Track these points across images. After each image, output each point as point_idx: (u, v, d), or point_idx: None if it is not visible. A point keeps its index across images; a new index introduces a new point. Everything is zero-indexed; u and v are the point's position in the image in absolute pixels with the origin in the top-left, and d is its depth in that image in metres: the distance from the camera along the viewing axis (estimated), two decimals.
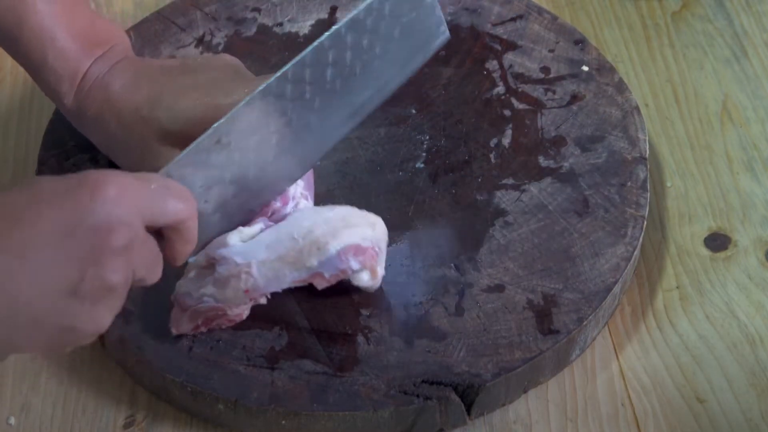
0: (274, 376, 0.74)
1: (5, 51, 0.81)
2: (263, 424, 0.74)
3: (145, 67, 0.80)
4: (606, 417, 0.76)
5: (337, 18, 0.95)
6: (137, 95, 0.78)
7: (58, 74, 0.79)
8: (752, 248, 0.84)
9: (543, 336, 0.75)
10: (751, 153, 0.90)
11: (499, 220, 0.82)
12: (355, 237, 0.74)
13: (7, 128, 0.95)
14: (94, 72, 0.79)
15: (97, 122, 0.79)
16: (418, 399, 0.73)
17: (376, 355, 0.75)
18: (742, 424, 0.75)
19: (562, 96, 0.89)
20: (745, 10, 1.01)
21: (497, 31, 0.94)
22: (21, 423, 0.77)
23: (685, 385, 0.77)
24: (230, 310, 0.75)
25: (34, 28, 0.78)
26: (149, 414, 0.77)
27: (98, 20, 0.81)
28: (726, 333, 0.80)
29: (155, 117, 0.77)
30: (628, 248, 0.80)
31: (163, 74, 0.79)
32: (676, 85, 0.95)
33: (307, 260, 0.74)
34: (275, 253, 0.74)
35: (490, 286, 0.78)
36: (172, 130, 0.76)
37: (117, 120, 0.78)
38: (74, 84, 0.79)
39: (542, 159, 0.86)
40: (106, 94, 0.78)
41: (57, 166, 0.86)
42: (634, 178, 0.84)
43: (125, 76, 0.79)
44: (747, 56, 0.97)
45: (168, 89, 0.77)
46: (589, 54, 0.92)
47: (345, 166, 0.85)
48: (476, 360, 0.74)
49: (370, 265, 0.75)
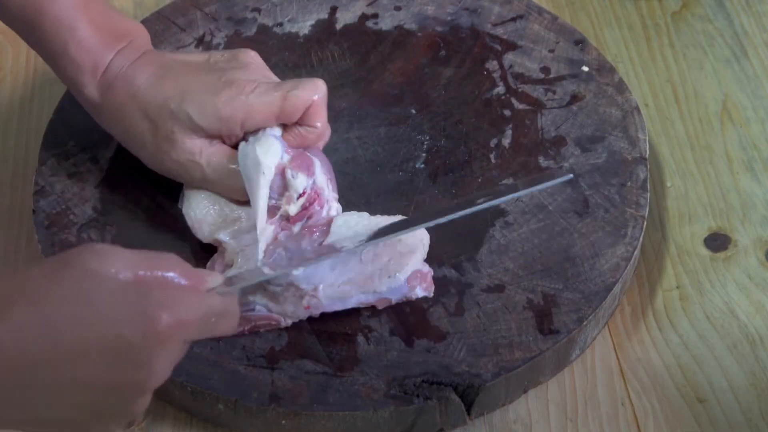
0: (274, 376, 0.74)
1: (23, 39, 0.81)
2: (263, 424, 0.74)
3: (168, 61, 0.80)
4: (606, 417, 0.76)
5: (337, 18, 0.95)
6: (164, 89, 0.78)
7: (79, 65, 0.78)
8: (752, 248, 0.84)
9: (543, 336, 0.75)
10: (751, 153, 0.90)
11: (499, 220, 0.82)
12: (417, 263, 0.76)
13: (7, 128, 0.95)
14: (117, 65, 0.79)
15: (121, 115, 0.79)
16: (418, 399, 0.73)
17: (376, 355, 0.75)
18: (742, 424, 0.75)
19: (562, 96, 0.89)
20: (745, 10, 1.01)
21: (497, 31, 0.94)
22: None
23: (685, 385, 0.77)
24: (284, 321, 0.75)
25: (54, 18, 0.78)
26: (149, 414, 0.77)
27: (116, 13, 0.81)
28: (726, 333, 0.80)
29: (184, 111, 0.77)
30: (628, 248, 0.80)
31: (187, 70, 0.79)
32: (676, 85, 0.95)
33: (377, 286, 0.75)
34: (343, 276, 0.75)
35: (490, 286, 0.78)
36: (200, 125, 0.77)
37: (143, 113, 0.78)
38: (96, 75, 0.79)
39: (542, 159, 0.86)
40: (131, 88, 0.78)
41: (57, 166, 0.86)
42: (634, 178, 0.84)
43: (149, 69, 0.79)
44: (747, 56, 0.97)
45: (194, 85, 0.77)
46: (589, 54, 0.92)
47: (345, 166, 0.85)
48: (476, 360, 0.74)
49: (429, 289, 0.76)
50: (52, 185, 0.84)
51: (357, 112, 0.89)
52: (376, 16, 0.96)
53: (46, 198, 0.84)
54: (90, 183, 0.85)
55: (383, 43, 0.94)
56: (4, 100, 0.97)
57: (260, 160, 0.75)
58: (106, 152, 0.86)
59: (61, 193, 0.84)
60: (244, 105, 0.76)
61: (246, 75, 0.78)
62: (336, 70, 0.92)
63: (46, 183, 0.85)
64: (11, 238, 0.87)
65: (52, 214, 0.83)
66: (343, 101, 0.89)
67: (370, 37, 0.94)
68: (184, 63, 0.80)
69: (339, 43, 0.94)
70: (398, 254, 0.76)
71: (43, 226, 0.82)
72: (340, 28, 0.95)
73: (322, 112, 0.79)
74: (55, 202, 0.83)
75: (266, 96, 0.77)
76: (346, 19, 0.96)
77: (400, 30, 0.95)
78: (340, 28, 0.95)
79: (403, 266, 0.75)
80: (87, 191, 0.84)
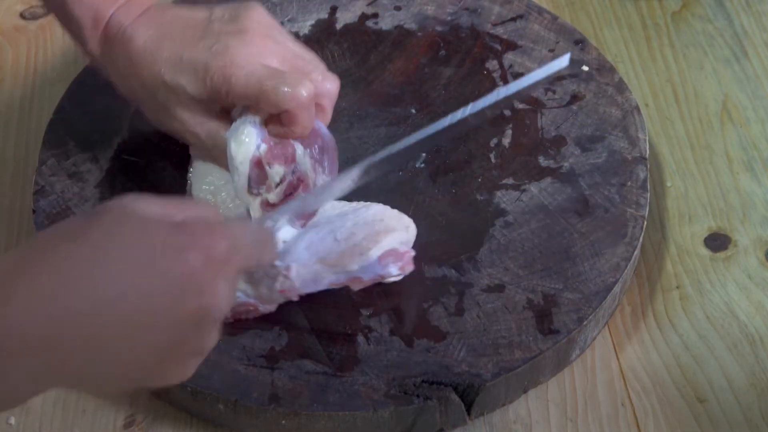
0: (274, 376, 0.74)
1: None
2: (263, 424, 0.74)
3: (170, 20, 0.77)
4: (606, 417, 0.76)
5: (337, 18, 0.95)
6: (158, 56, 0.75)
7: (78, 19, 0.77)
8: (752, 248, 0.84)
9: (543, 336, 0.75)
10: (751, 153, 0.90)
11: (500, 220, 0.82)
12: (393, 242, 0.75)
13: (7, 128, 0.95)
14: (117, 22, 0.76)
15: (120, 77, 0.78)
16: (418, 399, 0.73)
17: (376, 355, 0.75)
18: (742, 424, 0.75)
19: (562, 96, 0.89)
20: (745, 10, 1.01)
21: (497, 31, 0.94)
22: (21, 423, 0.77)
23: (685, 385, 0.77)
24: (262, 307, 0.75)
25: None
26: (149, 414, 0.77)
27: None
28: (726, 333, 0.80)
29: (177, 82, 0.75)
30: (628, 248, 0.80)
31: (185, 32, 0.76)
32: (676, 85, 0.95)
33: (348, 264, 0.74)
34: (316, 255, 0.74)
35: (490, 286, 0.78)
36: (193, 95, 0.75)
37: (140, 82, 0.76)
38: (97, 31, 0.77)
39: (542, 159, 0.86)
40: (128, 52, 0.76)
41: (57, 166, 0.86)
42: (634, 178, 0.84)
43: (147, 31, 0.76)
44: (747, 56, 0.97)
45: (188, 52, 0.75)
46: (589, 54, 0.92)
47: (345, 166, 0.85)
48: (476, 360, 0.74)
49: (405, 268, 0.76)
50: (52, 185, 0.84)
51: (357, 112, 0.89)
52: (376, 15, 0.96)
53: (46, 198, 0.84)
54: (90, 183, 0.85)
55: (383, 43, 0.94)
56: (4, 100, 0.97)
57: (233, 155, 0.73)
58: (106, 152, 0.86)
59: (61, 193, 0.84)
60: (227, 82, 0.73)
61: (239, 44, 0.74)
62: (336, 69, 0.91)
63: (46, 183, 0.85)
64: (11, 238, 0.87)
65: (52, 214, 0.83)
66: (343, 101, 0.89)
67: (370, 37, 0.94)
68: (185, 23, 0.76)
69: (339, 43, 0.94)
70: (374, 232, 0.75)
71: (43, 226, 0.82)
72: (340, 27, 0.95)
73: (304, 116, 0.74)
74: (55, 202, 0.83)
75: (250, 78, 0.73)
76: (346, 19, 0.96)
77: (400, 30, 0.95)
78: (340, 27, 0.95)
79: (376, 243, 0.75)
80: (87, 191, 0.84)
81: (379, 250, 0.74)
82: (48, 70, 0.99)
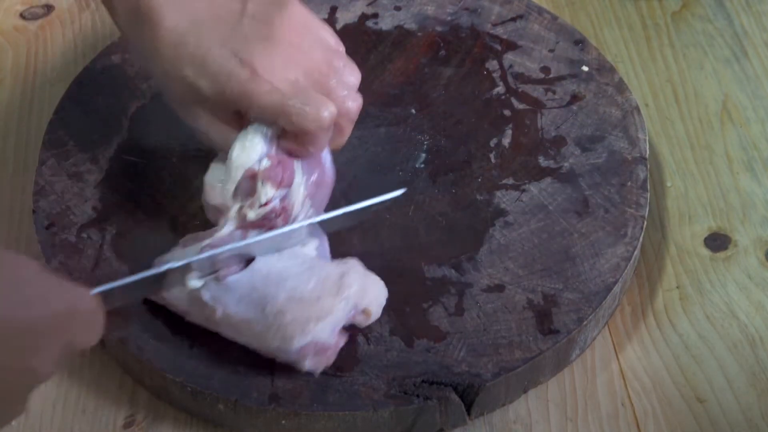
0: (274, 376, 0.74)
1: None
2: (263, 424, 0.74)
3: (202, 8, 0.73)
4: (606, 417, 0.76)
5: (337, 18, 0.95)
6: (183, 51, 0.72)
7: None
8: (752, 248, 0.84)
9: (543, 336, 0.75)
10: (751, 153, 0.90)
11: (499, 220, 0.82)
12: (324, 332, 0.71)
13: (7, 128, 0.95)
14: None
15: (144, 60, 0.76)
16: (418, 399, 0.73)
17: (376, 355, 0.75)
18: (742, 424, 0.75)
19: (562, 96, 0.89)
20: (745, 10, 1.01)
21: (497, 31, 0.94)
22: (21, 423, 0.76)
23: (685, 385, 0.77)
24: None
25: None
26: (149, 414, 0.77)
27: None
28: (726, 333, 0.80)
29: (198, 85, 0.72)
30: (628, 248, 0.80)
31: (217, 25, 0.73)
32: (676, 85, 0.95)
33: (270, 341, 0.72)
34: (243, 314, 0.72)
35: (490, 286, 0.78)
36: (215, 100, 0.73)
37: (161, 69, 0.74)
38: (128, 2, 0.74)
39: (542, 159, 0.86)
40: (153, 37, 0.73)
41: (57, 166, 0.86)
42: (634, 178, 0.84)
43: (176, 17, 0.73)
44: (747, 56, 0.97)
45: (216, 54, 0.72)
46: (589, 54, 0.92)
47: (345, 166, 0.85)
48: (476, 360, 0.74)
49: (323, 364, 0.73)
50: (52, 185, 0.84)
51: None
52: (376, 16, 0.96)
53: (46, 198, 0.84)
54: (90, 183, 0.85)
55: (383, 43, 0.94)
56: (4, 100, 0.97)
57: (232, 158, 0.73)
58: (106, 152, 0.86)
59: (61, 193, 0.84)
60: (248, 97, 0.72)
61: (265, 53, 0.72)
62: None
63: (46, 183, 0.85)
64: (11, 238, 0.87)
65: (52, 214, 0.83)
66: None
67: (370, 37, 0.94)
68: (217, 14, 0.74)
69: None
70: (304, 318, 0.71)
71: (43, 226, 0.82)
72: (340, 27, 0.95)
73: (322, 138, 0.74)
74: (55, 202, 0.83)
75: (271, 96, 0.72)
76: (346, 19, 0.96)
77: (400, 30, 0.95)
78: (340, 27, 0.95)
79: (302, 332, 0.71)
80: (87, 191, 0.84)
81: (303, 340, 0.71)
82: (48, 70, 0.99)
